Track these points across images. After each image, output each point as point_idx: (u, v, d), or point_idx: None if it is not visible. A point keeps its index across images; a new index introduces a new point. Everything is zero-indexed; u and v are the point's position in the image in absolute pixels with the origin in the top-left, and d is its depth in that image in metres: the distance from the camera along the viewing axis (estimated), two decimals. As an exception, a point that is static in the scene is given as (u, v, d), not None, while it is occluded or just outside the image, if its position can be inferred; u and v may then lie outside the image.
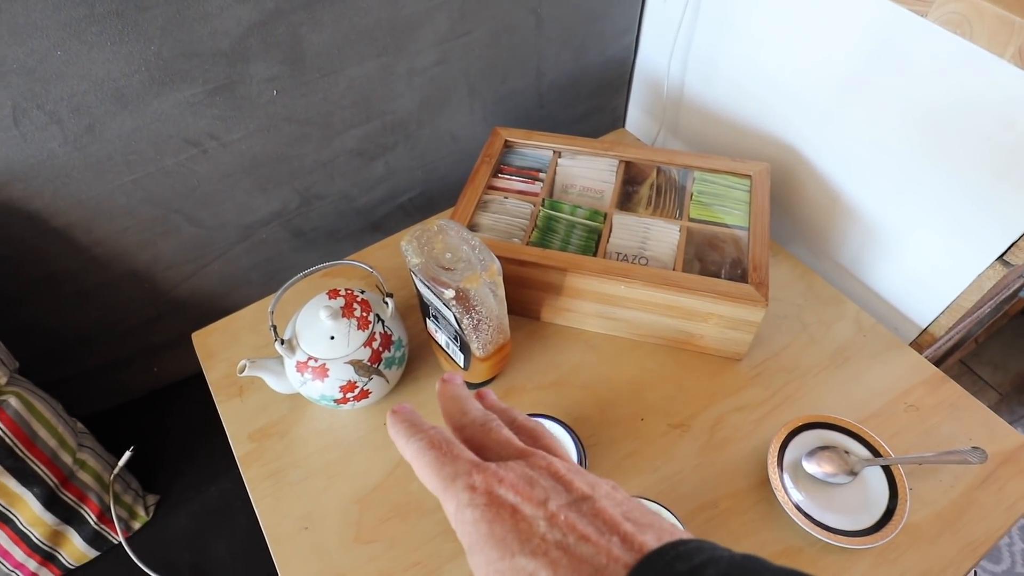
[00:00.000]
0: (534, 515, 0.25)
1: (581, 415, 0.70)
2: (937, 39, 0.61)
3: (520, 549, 0.24)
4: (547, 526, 0.24)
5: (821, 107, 0.77)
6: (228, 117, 0.74)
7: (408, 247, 0.59)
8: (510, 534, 0.24)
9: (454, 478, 0.27)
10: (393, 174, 0.93)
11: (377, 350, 0.65)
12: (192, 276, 0.88)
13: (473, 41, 0.84)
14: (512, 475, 0.26)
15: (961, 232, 0.69)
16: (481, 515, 0.25)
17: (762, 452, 0.66)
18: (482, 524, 0.25)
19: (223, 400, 0.75)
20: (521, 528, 0.24)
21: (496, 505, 0.25)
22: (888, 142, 0.71)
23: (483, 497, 0.26)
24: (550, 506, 0.25)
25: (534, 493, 0.26)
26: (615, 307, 0.72)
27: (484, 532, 0.25)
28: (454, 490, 0.26)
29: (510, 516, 0.25)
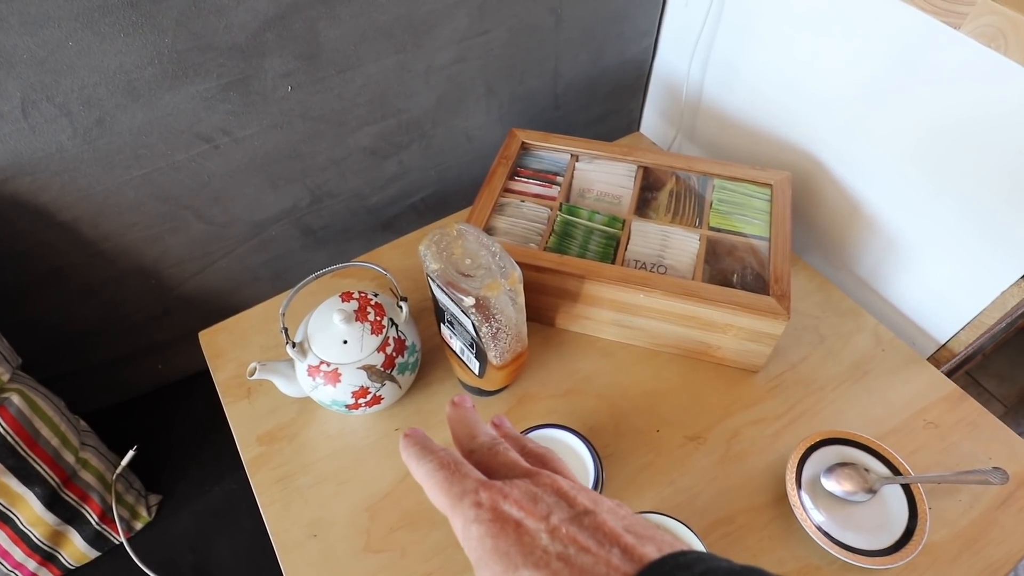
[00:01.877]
0: (537, 529, 0.26)
1: (596, 425, 0.69)
2: (969, 52, 0.60)
3: (523, 562, 0.25)
4: (549, 539, 0.25)
5: (844, 116, 0.76)
6: (241, 112, 0.72)
7: (427, 252, 0.58)
8: (513, 548, 0.25)
9: (461, 496, 0.27)
10: (406, 173, 0.91)
11: (391, 355, 0.64)
12: (199, 273, 0.87)
13: (492, 40, 0.82)
14: (517, 492, 0.27)
15: (985, 247, 0.68)
16: (487, 530, 0.26)
17: (779, 467, 0.65)
18: (487, 539, 0.26)
19: (231, 402, 0.73)
20: (524, 542, 0.25)
21: (501, 520, 0.26)
22: (913, 153, 0.70)
23: (488, 513, 0.26)
24: (552, 520, 0.26)
25: (537, 508, 0.26)
26: (632, 316, 0.71)
27: (489, 547, 0.26)
28: (461, 508, 0.27)
29: (514, 531, 0.26)
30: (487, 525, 0.26)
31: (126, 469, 0.83)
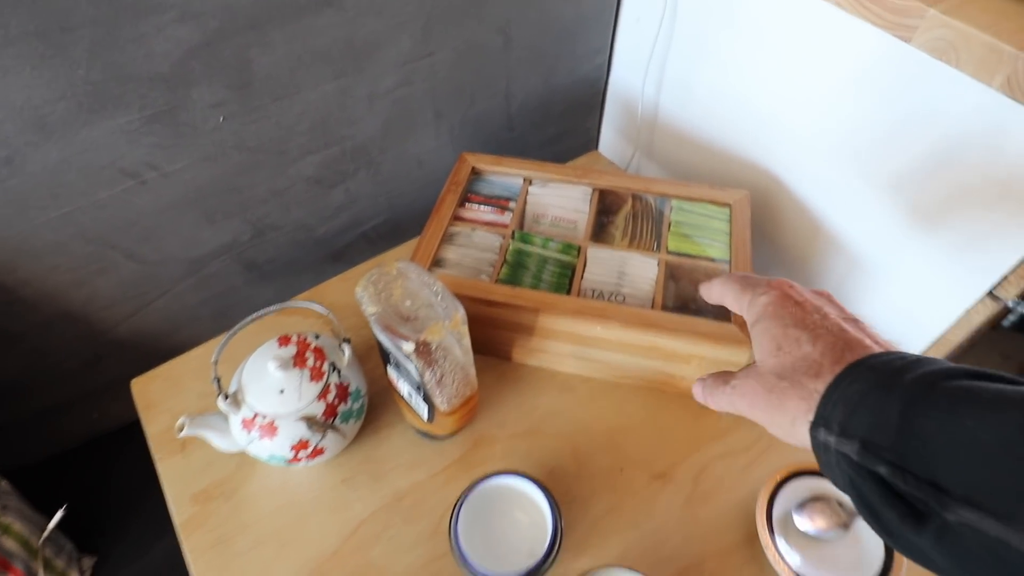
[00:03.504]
0: (811, 308, 0.35)
1: (557, 467, 0.65)
2: (921, 66, 0.58)
3: (793, 323, 0.34)
4: (819, 318, 0.34)
5: (799, 132, 0.74)
6: (169, 145, 0.68)
7: (364, 294, 0.54)
8: (788, 315, 0.35)
9: (755, 287, 0.38)
10: (355, 202, 0.87)
11: (332, 403, 0.60)
12: (134, 315, 0.81)
13: (438, 62, 0.79)
14: (802, 288, 0.37)
15: (949, 265, 0.66)
16: (771, 300, 0.36)
17: (749, 503, 0.62)
18: (769, 306, 0.36)
19: (163, 458, 0.68)
20: (797, 313, 0.35)
21: (784, 297, 0.36)
22: (870, 169, 0.68)
23: (776, 291, 0.36)
24: (823, 310, 0.35)
25: (814, 301, 0.36)
26: (591, 348, 0.67)
27: (770, 311, 0.36)
28: (754, 293, 0.38)
29: (792, 305, 0.35)
30: (773, 297, 0.36)
31: (56, 531, 0.77)
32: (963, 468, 0.24)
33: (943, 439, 0.25)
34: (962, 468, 0.24)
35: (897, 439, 0.26)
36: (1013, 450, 0.23)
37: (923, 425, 0.25)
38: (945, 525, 0.24)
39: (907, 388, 0.27)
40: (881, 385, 0.28)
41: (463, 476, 0.65)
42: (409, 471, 0.65)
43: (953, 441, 0.24)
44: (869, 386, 0.28)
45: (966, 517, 0.23)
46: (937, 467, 0.25)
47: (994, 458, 0.23)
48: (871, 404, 0.27)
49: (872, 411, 0.27)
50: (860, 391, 0.28)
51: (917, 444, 0.25)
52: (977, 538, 0.23)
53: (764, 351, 0.35)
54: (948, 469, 0.24)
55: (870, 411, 0.27)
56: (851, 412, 0.28)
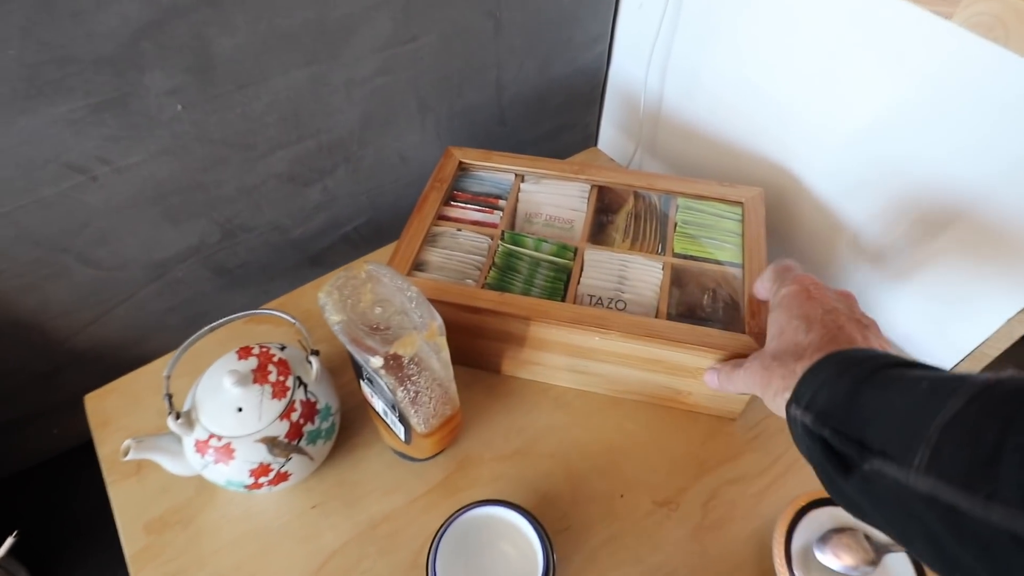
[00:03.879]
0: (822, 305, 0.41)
1: (549, 492, 0.58)
2: (964, 45, 0.52)
3: (800, 314, 0.41)
4: (823, 312, 0.41)
5: (820, 123, 0.67)
6: (122, 137, 0.61)
7: (327, 300, 0.47)
8: (798, 306, 0.42)
9: (784, 277, 0.46)
10: (333, 201, 0.81)
11: (297, 423, 0.53)
12: (93, 323, 0.75)
13: (421, 48, 0.72)
14: (823, 286, 0.44)
15: (986, 269, 0.59)
16: (789, 292, 0.44)
17: (764, 534, 0.55)
18: (786, 297, 0.44)
19: (115, 481, 0.61)
20: (807, 306, 0.42)
21: (802, 291, 0.43)
22: (900, 164, 0.62)
23: (798, 286, 0.44)
24: (836, 307, 0.41)
25: (831, 300, 0.42)
26: (589, 360, 0.61)
27: (785, 302, 0.43)
28: (783, 283, 0.45)
29: (806, 299, 0.42)
30: (792, 290, 0.43)
31: (7, 557, 0.70)
32: (881, 428, 0.31)
33: (872, 407, 0.32)
34: (880, 428, 0.31)
35: (842, 410, 0.33)
36: (914, 411, 0.29)
37: (861, 399, 0.33)
38: (864, 473, 0.31)
39: (858, 373, 0.34)
40: (842, 371, 0.35)
41: (445, 502, 0.58)
42: (386, 496, 0.59)
43: (878, 409, 0.32)
44: (834, 372, 0.35)
45: (877, 465, 0.30)
46: (865, 429, 0.32)
47: (901, 418, 0.30)
48: (830, 385, 0.35)
49: (829, 390, 0.35)
50: (826, 376, 0.36)
51: (855, 413, 0.33)
52: (884, 481, 0.30)
53: (770, 335, 0.44)
54: (872, 429, 0.31)
55: (828, 390, 0.35)
56: (816, 391, 0.35)
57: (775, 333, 0.43)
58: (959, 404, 0.27)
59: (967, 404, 0.27)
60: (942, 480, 0.26)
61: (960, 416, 0.27)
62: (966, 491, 0.25)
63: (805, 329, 0.40)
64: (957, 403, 0.27)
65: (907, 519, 0.29)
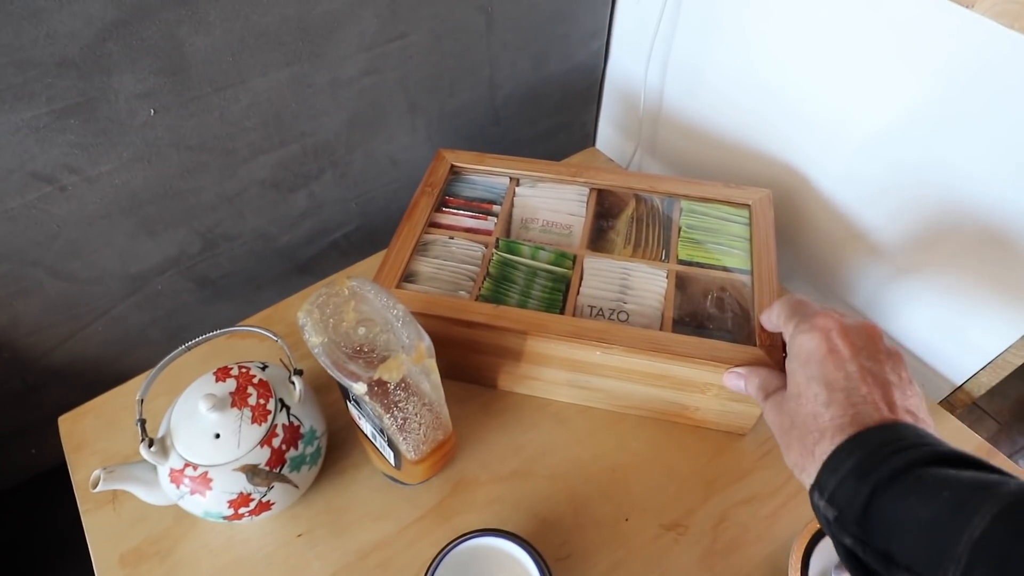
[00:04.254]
0: (844, 362, 0.38)
1: (550, 516, 0.55)
2: (987, 36, 0.48)
3: (819, 377, 0.38)
4: (843, 376, 0.37)
5: (831, 121, 0.64)
6: (91, 145, 0.58)
7: (307, 320, 0.44)
8: (817, 365, 0.39)
9: (804, 317, 0.42)
10: (320, 207, 0.77)
11: (279, 449, 0.50)
12: (68, 340, 0.71)
13: (410, 46, 0.69)
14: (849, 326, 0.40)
15: (1010, 274, 0.56)
16: (809, 342, 0.40)
17: (779, 559, 0.52)
18: (804, 351, 0.40)
19: (89, 510, 0.58)
20: (827, 366, 0.38)
21: (823, 342, 0.39)
22: (916, 162, 0.58)
23: (818, 333, 0.40)
24: (858, 362, 0.38)
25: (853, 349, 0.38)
26: (590, 375, 0.57)
27: (804, 357, 0.40)
28: (801, 325, 0.41)
29: (827, 353, 0.38)
30: (812, 340, 0.40)
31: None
32: (905, 542, 0.30)
33: (894, 519, 0.31)
34: (905, 542, 0.30)
35: (862, 517, 0.32)
36: (938, 526, 0.29)
37: (882, 507, 0.31)
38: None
39: (880, 474, 0.32)
40: (862, 469, 0.33)
41: (439, 528, 0.55)
42: (376, 523, 0.56)
43: (901, 520, 0.30)
44: (854, 469, 0.33)
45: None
46: (890, 541, 0.30)
47: (925, 533, 0.29)
48: (850, 483, 0.33)
49: (851, 493, 0.32)
50: (847, 472, 0.33)
51: (876, 522, 0.31)
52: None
53: (790, 391, 0.41)
54: (897, 542, 0.30)
55: (849, 492, 0.33)
56: (837, 486, 0.33)
57: (794, 392, 0.40)
58: (986, 523, 0.27)
59: (993, 523, 0.27)
60: None
61: (987, 538, 0.27)
62: None
63: (825, 401, 0.37)
64: (983, 521, 0.27)
65: None
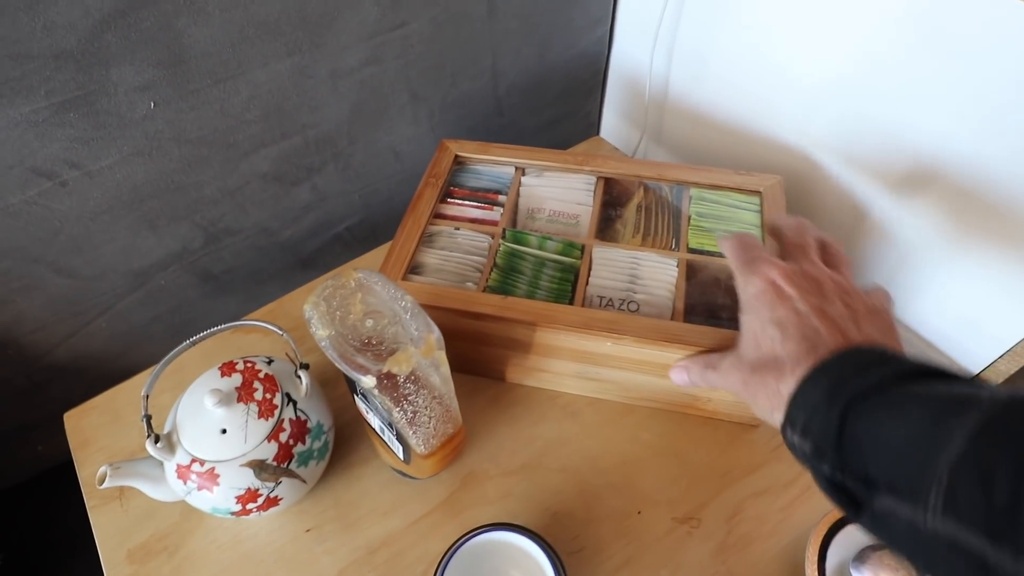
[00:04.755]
0: (796, 301, 0.38)
1: (561, 510, 0.54)
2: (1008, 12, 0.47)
3: (772, 320, 0.38)
4: (796, 316, 0.37)
5: (842, 104, 0.62)
6: (91, 139, 0.57)
7: (313, 313, 0.43)
8: (769, 309, 0.38)
9: (749, 263, 0.41)
10: (323, 201, 0.76)
11: (286, 444, 0.49)
12: (72, 337, 0.71)
13: (411, 34, 0.68)
14: (793, 272, 0.39)
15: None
16: (757, 291, 0.40)
17: (796, 552, 0.51)
18: (753, 299, 0.40)
19: (96, 506, 0.58)
20: (779, 309, 0.38)
21: (769, 290, 0.39)
22: (932, 146, 0.57)
23: (763, 282, 0.39)
24: (809, 300, 0.37)
25: (804, 286, 0.38)
26: (600, 366, 0.56)
27: (754, 304, 0.40)
28: (747, 272, 0.41)
29: (776, 298, 0.38)
30: (759, 289, 0.39)
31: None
32: (883, 463, 0.29)
33: (870, 441, 0.30)
34: (883, 463, 0.29)
35: (837, 443, 0.31)
36: (916, 444, 0.28)
37: (856, 430, 0.30)
38: (875, 512, 0.29)
39: (849, 397, 0.31)
40: (831, 395, 0.32)
41: (449, 523, 0.54)
42: (385, 517, 0.55)
43: (876, 441, 0.29)
44: (822, 394, 0.33)
45: (887, 503, 0.28)
46: (867, 464, 0.30)
47: (903, 452, 0.28)
48: (821, 411, 0.32)
49: (821, 421, 0.32)
50: (816, 402, 0.33)
51: (852, 447, 0.30)
52: (898, 522, 0.28)
53: (745, 343, 0.40)
54: (875, 465, 0.29)
55: (820, 420, 0.32)
56: (808, 418, 0.33)
57: (751, 342, 0.39)
58: (964, 441, 0.26)
59: (974, 441, 0.26)
60: (963, 525, 0.25)
61: (969, 455, 0.25)
62: (991, 541, 0.24)
63: (780, 339, 0.37)
64: (962, 438, 0.26)
65: (931, 558, 0.27)
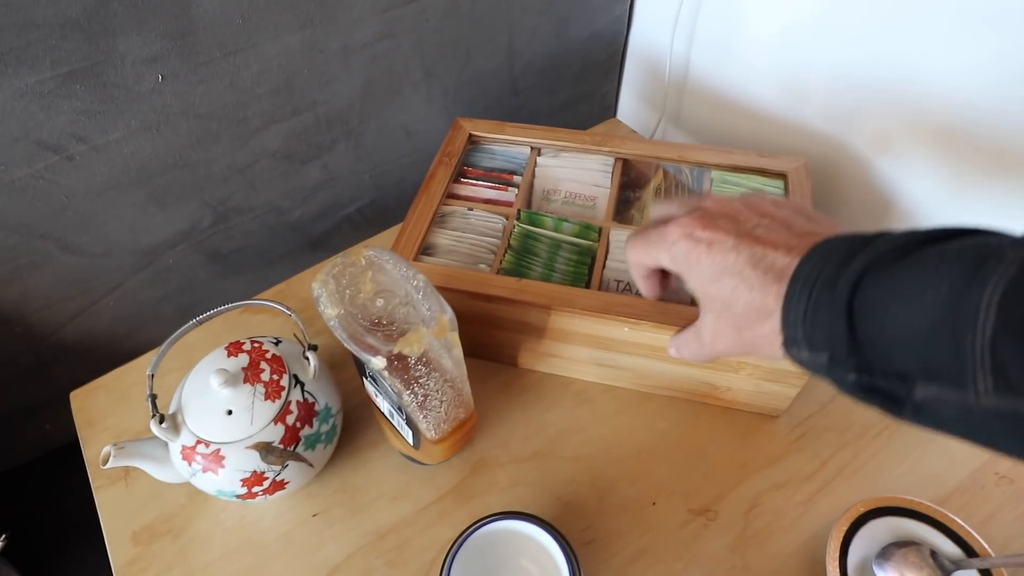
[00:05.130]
0: (724, 236, 0.34)
1: (574, 499, 0.53)
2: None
3: (715, 273, 0.34)
4: (730, 251, 0.33)
5: (871, 84, 0.60)
6: (98, 112, 0.56)
7: (322, 291, 0.41)
8: (705, 263, 0.34)
9: (659, 241, 0.37)
10: (333, 180, 0.75)
11: (293, 427, 0.48)
12: (80, 315, 0.70)
13: (426, 8, 0.66)
14: (701, 219, 0.35)
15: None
16: (682, 252, 0.35)
17: (816, 548, 0.50)
18: (684, 262, 0.36)
19: (102, 486, 0.57)
20: (714, 256, 0.34)
21: (690, 244, 0.35)
22: (963, 126, 0.54)
23: (679, 241, 0.35)
24: (734, 227, 0.34)
25: (722, 216, 0.35)
26: (615, 352, 0.55)
27: (690, 269, 0.35)
28: (664, 246, 0.37)
29: (703, 249, 0.34)
30: (682, 250, 0.35)
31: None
32: (912, 352, 0.26)
33: (887, 332, 0.27)
34: (911, 353, 0.26)
35: (852, 344, 0.28)
36: (943, 325, 0.25)
37: (867, 327, 0.27)
38: (916, 404, 0.27)
39: (847, 294, 0.28)
40: (825, 299, 0.29)
41: (459, 510, 0.53)
42: (393, 503, 0.54)
43: (896, 331, 0.26)
44: (815, 301, 0.29)
45: (929, 392, 0.26)
46: (893, 358, 0.27)
47: (930, 337, 0.25)
48: (822, 318, 0.29)
49: (825, 325, 0.29)
50: (812, 309, 0.29)
51: (869, 344, 0.27)
52: (944, 407, 0.26)
53: (710, 306, 0.37)
54: (902, 357, 0.27)
55: (823, 326, 0.29)
56: (811, 330, 0.29)
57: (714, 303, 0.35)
58: (997, 308, 0.23)
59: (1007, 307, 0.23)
60: (1022, 397, 0.23)
61: (1007, 323, 0.23)
62: None
63: (737, 284, 0.33)
64: (995, 305, 0.23)
65: (993, 435, 0.26)
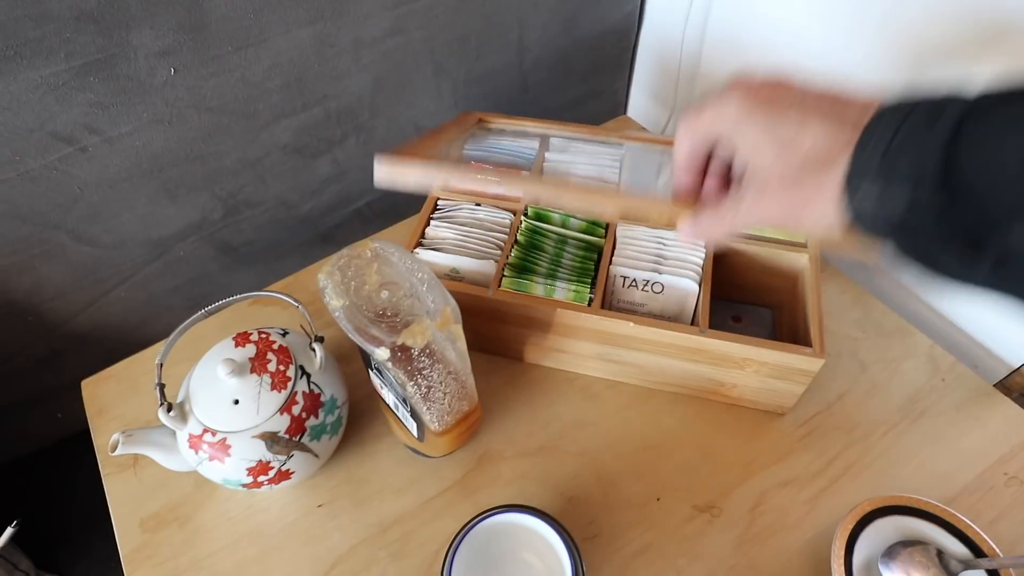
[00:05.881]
0: (788, 93, 0.31)
1: (578, 494, 0.53)
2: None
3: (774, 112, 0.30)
4: (795, 99, 0.30)
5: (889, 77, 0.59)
6: (111, 104, 0.56)
7: (328, 282, 0.42)
8: (768, 103, 0.30)
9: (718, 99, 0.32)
10: (343, 174, 0.75)
11: (299, 417, 0.48)
12: (91, 305, 0.71)
13: (436, 4, 0.66)
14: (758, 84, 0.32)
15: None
16: (739, 100, 0.31)
17: (821, 547, 0.49)
18: (752, 104, 0.31)
19: (111, 473, 0.58)
20: (778, 95, 0.31)
21: (749, 93, 0.31)
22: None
23: (739, 92, 0.31)
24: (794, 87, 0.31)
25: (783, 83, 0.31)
26: (621, 348, 0.55)
27: (752, 108, 0.31)
28: (723, 101, 0.32)
29: (769, 93, 0.31)
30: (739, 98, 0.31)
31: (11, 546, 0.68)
32: (1018, 187, 0.23)
33: (993, 168, 0.23)
34: (1018, 187, 0.23)
35: (942, 181, 0.24)
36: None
37: (967, 161, 0.24)
38: (1004, 255, 0.24)
39: (939, 128, 0.24)
40: (915, 127, 0.25)
41: (462, 503, 0.53)
42: (398, 496, 0.54)
43: (1006, 167, 0.23)
44: (901, 132, 0.25)
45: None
46: (994, 195, 0.23)
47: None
48: (908, 149, 0.25)
49: (911, 156, 0.25)
50: (892, 138, 0.26)
51: (966, 182, 0.24)
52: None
53: (760, 161, 0.31)
54: (1005, 194, 0.23)
55: (909, 156, 0.25)
56: (893, 161, 0.25)
57: (767, 154, 0.30)
58: None
59: None
60: None
61: None
62: None
63: (802, 119, 0.29)
64: None
65: None
